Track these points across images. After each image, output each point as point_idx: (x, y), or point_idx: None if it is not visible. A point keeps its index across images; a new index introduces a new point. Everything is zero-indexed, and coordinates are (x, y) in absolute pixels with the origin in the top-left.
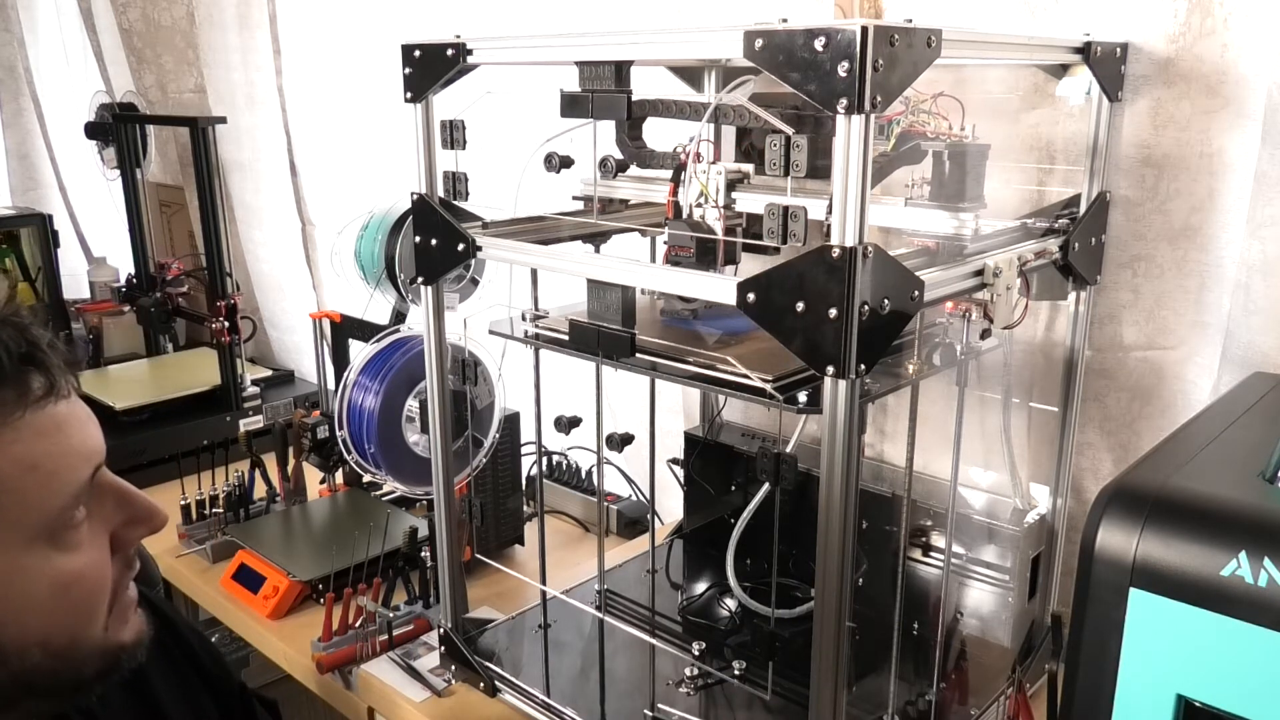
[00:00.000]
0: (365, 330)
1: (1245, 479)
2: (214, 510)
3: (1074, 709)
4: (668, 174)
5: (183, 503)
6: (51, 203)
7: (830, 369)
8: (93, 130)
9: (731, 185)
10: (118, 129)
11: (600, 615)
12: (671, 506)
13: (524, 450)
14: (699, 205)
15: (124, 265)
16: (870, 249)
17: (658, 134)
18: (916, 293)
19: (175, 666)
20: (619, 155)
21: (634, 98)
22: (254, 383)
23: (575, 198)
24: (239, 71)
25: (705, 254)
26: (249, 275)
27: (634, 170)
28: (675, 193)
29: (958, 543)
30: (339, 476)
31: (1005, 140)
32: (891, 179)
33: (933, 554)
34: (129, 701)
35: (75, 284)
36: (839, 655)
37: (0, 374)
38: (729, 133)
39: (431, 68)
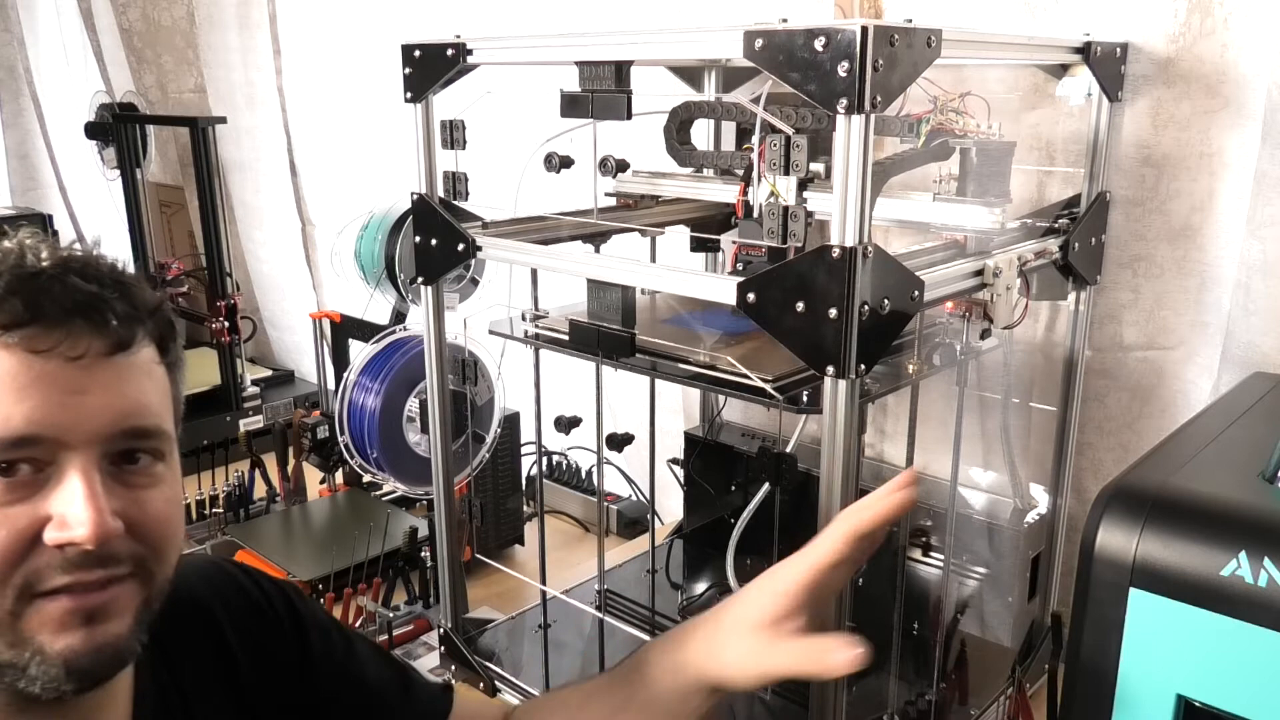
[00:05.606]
0: (365, 330)
1: (1245, 479)
2: (214, 510)
3: (1074, 709)
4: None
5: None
6: (51, 203)
7: (830, 369)
8: (93, 130)
9: (803, 185)
10: (118, 129)
11: (600, 615)
12: (671, 506)
13: (524, 450)
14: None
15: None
16: (870, 249)
17: (654, 135)
18: (916, 293)
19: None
20: (618, 155)
21: (691, 99)
22: (254, 383)
23: (609, 194)
24: (239, 71)
25: (777, 256)
26: (249, 275)
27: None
28: (745, 192)
29: (958, 543)
30: (339, 476)
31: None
32: (920, 174)
33: (933, 554)
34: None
35: None
36: None
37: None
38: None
39: (431, 68)
